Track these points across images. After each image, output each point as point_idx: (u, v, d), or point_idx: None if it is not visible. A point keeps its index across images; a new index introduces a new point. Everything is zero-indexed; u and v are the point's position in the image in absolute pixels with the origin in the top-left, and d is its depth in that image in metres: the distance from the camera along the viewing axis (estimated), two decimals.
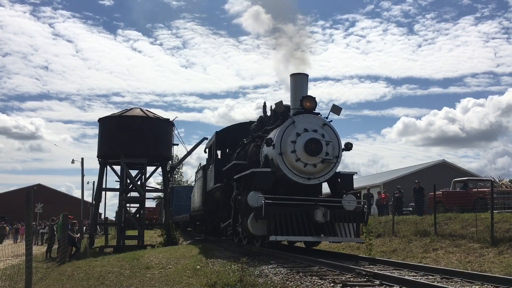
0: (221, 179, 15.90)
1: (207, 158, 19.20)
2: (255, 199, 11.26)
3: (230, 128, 18.08)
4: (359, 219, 11.91)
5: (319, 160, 11.76)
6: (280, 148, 11.78)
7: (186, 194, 33.06)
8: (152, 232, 31.88)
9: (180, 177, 62.45)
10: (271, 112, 14.48)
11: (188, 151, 30.73)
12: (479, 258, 11.62)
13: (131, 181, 25.29)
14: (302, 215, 11.24)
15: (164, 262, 12.28)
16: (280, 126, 12.26)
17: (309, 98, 12.22)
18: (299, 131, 11.77)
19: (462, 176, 30.75)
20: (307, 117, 12.09)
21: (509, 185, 22.00)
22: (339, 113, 12.56)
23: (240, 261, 9.61)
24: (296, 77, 12.70)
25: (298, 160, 11.66)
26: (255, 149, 13.67)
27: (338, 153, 12.18)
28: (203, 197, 19.13)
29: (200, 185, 20.58)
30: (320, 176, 12.05)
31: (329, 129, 12.23)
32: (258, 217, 11.01)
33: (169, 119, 26.61)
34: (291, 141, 11.74)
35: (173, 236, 22.49)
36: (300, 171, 11.78)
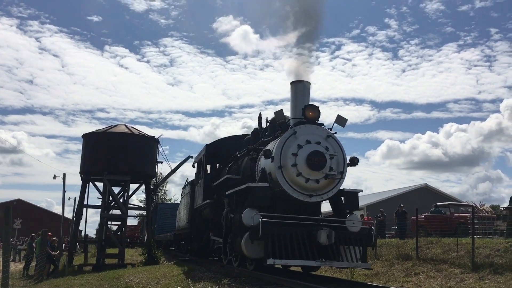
0: (211, 195, 14.68)
1: (196, 173, 17.79)
2: (251, 217, 10.03)
3: (221, 141, 16.73)
4: (366, 242, 10.62)
5: (322, 175, 10.55)
6: (279, 161, 10.53)
7: (171, 212, 31.90)
8: (133, 250, 30.61)
9: (163, 195, 61.91)
10: (267, 124, 13.31)
11: (173, 169, 30.25)
12: (460, 284, 11.54)
13: (113, 198, 24.34)
14: (303, 236, 9.96)
15: (144, 282, 11.90)
16: (280, 137, 11.03)
17: (312, 107, 11.06)
18: (301, 142, 10.58)
19: (444, 200, 30.38)
20: (309, 127, 10.89)
21: (490, 210, 22.26)
22: (344, 125, 11.34)
23: (221, 283, 9.55)
24: (298, 85, 11.48)
25: (299, 175, 10.42)
26: (250, 163, 12.45)
27: (343, 168, 10.97)
28: (190, 214, 17.81)
29: (187, 201, 19.14)
30: (323, 193, 10.79)
31: (334, 141, 11.05)
32: (254, 238, 9.72)
33: (154, 137, 25.76)
34: (292, 153, 10.49)
35: (154, 255, 21.56)
36: (301, 187, 10.53)
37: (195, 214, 17.24)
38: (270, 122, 12.80)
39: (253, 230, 9.74)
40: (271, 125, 12.75)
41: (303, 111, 10.93)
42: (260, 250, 10.05)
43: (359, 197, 11.61)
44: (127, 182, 24.31)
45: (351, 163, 11.19)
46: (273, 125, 12.49)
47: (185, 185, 21.42)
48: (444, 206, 22.55)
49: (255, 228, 9.71)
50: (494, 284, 10.79)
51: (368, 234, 10.74)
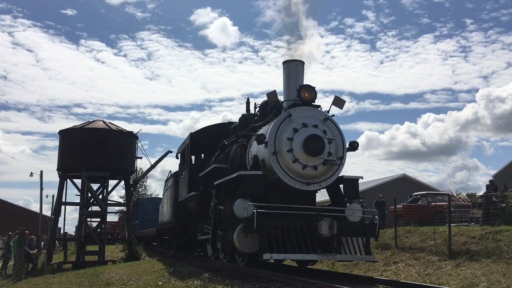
0: (197, 186, 13.55)
1: (179, 164, 16.57)
2: (243, 208, 9.08)
3: (206, 129, 15.53)
4: (369, 232, 9.73)
5: (320, 161, 9.61)
6: (274, 146, 9.52)
7: (153, 207, 30.92)
8: (113, 247, 29.89)
9: (144, 191, 61.46)
10: (256, 109, 12.31)
11: (152, 164, 29.81)
12: (437, 271, 11.58)
13: (92, 195, 24.00)
14: (302, 228, 9.05)
15: (125, 278, 11.60)
16: (273, 120, 10.03)
17: (308, 87, 10.06)
18: (297, 126, 9.61)
19: (422, 190, 30.33)
20: (305, 110, 9.92)
21: (466, 199, 22.69)
22: (342, 107, 10.42)
23: (202, 277, 9.20)
24: (291, 65, 10.47)
25: (295, 161, 9.46)
26: (239, 150, 11.34)
27: (343, 153, 10.03)
28: (174, 208, 16.66)
29: (170, 194, 17.97)
30: (321, 181, 9.83)
31: (332, 124, 10.09)
32: (248, 230, 8.77)
33: (133, 132, 25.42)
34: (287, 138, 9.52)
35: (135, 251, 21.07)
36: (298, 174, 9.56)
37: (179, 207, 16.21)
38: (261, 106, 11.88)
39: (247, 222, 8.80)
40: (261, 110, 11.82)
41: (298, 92, 10.01)
42: (254, 243, 9.18)
43: None
44: (106, 178, 24.02)
45: (351, 148, 10.29)
46: (263, 109, 11.59)
47: (168, 178, 20.25)
48: (421, 196, 23.19)
49: (249, 220, 8.78)
50: (470, 270, 10.66)
51: (371, 224, 9.87)
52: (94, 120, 25.98)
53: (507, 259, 10.93)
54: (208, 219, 12.73)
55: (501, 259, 11.05)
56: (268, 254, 8.65)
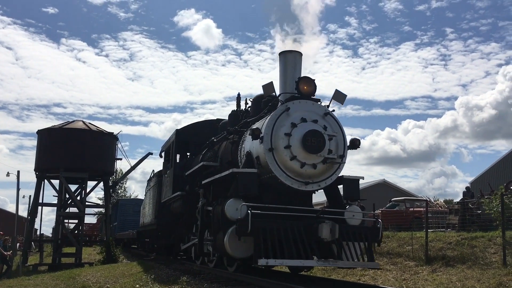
0: (182, 186, 12.66)
1: (163, 163, 15.61)
2: (236, 209, 8.30)
3: (193, 126, 14.43)
4: (372, 236, 8.96)
5: (320, 159, 8.80)
6: (270, 142, 8.68)
7: (133, 208, 30.00)
8: (91, 249, 29.29)
9: (123, 192, 60.81)
10: (246, 105, 11.43)
11: (132, 166, 29.27)
12: (414, 276, 11.56)
13: (70, 196, 23.40)
14: (300, 231, 8.23)
15: (102, 281, 11.40)
16: (270, 114, 9.16)
17: (307, 80, 9.28)
18: (295, 120, 8.81)
19: (401, 195, 30.41)
20: (304, 103, 9.10)
21: (443, 205, 23.04)
22: (343, 101, 9.64)
23: (180, 280, 8.96)
24: (287, 56, 9.66)
25: (293, 159, 8.62)
26: (230, 147, 10.44)
27: (343, 151, 9.23)
28: (157, 209, 15.69)
29: (153, 195, 16.91)
30: (321, 181, 9.02)
31: (332, 120, 9.28)
32: (241, 233, 7.95)
33: (113, 133, 24.91)
34: (285, 133, 8.69)
35: (113, 254, 20.68)
36: (295, 173, 8.74)
37: (162, 208, 15.23)
38: (254, 101, 10.98)
39: (241, 224, 7.97)
40: (254, 105, 10.85)
41: (297, 85, 9.23)
42: (247, 248, 8.37)
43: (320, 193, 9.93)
44: (84, 179, 23.61)
45: (352, 146, 9.45)
46: (257, 104, 10.66)
47: (150, 177, 19.09)
48: (400, 201, 23.38)
49: (243, 221, 7.95)
50: (446, 276, 10.55)
51: (374, 229, 9.11)
52: (73, 120, 25.44)
53: (482, 265, 11.06)
54: (194, 221, 11.92)
55: (476, 265, 11.18)
56: (263, 259, 7.78)
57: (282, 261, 8.07)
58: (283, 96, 9.41)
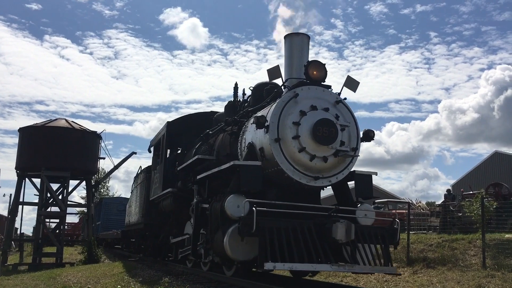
0: (173, 183, 11.64)
1: (153, 158, 14.43)
2: (237, 206, 7.34)
3: (185, 119, 13.24)
4: (388, 238, 7.93)
5: (331, 151, 7.79)
6: (276, 131, 7.64)
7: (117, 207, 29.13)
8: (72, 249, 28.44)
9: (106, 191, 60.23)
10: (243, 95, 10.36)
11: (115, 165, 28.95)
12: (395, 278, 11.97)
13: (51, 195, 22.86)
14: (311, 231, 7.22)
15: (83, 281, 11.10)
16: (276, 100, 8.05)
17: (318, 64, 8.21)
18: (305, 108, 7.78)
19: (384, 197, 30.05)
20: (314, 90, 8.07)
21: (425, 207, 23.34)
22: (355, 89, 8.59)
23: (162, 281, 8.76)
24: (294, 39, 8.58)
25: (302, 150, 7.61)
26: (229, 138, 9.37)
27: (357, 143, 8.21)
28: (144, 207, 14.48)
29: (140, 192, 15.65)
30: (331, 176, 8.01)
31: (345, 108, 8.25)
32: (245, 233, 6.94)
33: (96, 132, 24.30)
34: (293, 122, 7.66)
35: (95, 254, 20.10)
36: (304, 166, 7.72)
37: (150, 207, 14.05)
38: (255, 90, 9.90)
39: (244, 223, 6.98)
40: (255, 94, 9.73)
41: (306, 69, 8.23)
42: (250, 250, 7.44)
43: None
44: (66, 178, 22.86)
45: (366, 138, 8.47)
46: (258, 93, 9.58)
47: (137, 174, 17.62)
48: (382, 203, 23.41)
49: (247, 220, 6.98)
50: (427, 277, 10.58)
51: (391, 229, 8.11)
52: (56, 118, 24.59)
53: (462, 267, 11.19)
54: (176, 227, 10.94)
55: (456, 266, 11.31)
56: (270, 263, 6.72)
57: (292, 265, 7.03)
58: (290, 82, 8.30)
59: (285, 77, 8.54)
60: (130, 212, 18.27)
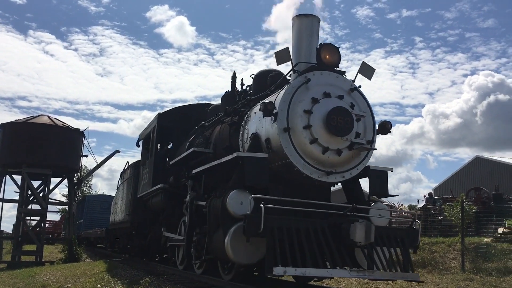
0: (164, 178, 10.73)
1: (142, 152, 13.44)
2: (242, 203, 6.46)
3: (178, 111, 12.22)
4: (409, 241, 7.08)
5: (345, 144, 6.91)
6: (286, 120, 6.73)
7: (100, 205, 28.36)
8: (53, 247, 27.76)
9: (88, 190, 59.61)
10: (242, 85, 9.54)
11: (98, 163, 28.76)
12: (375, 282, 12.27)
13: (32, 193, 22.48)
14: (325, 232, 6.31)
15: (63, 280, 10.99)
16: (285, 86, 7.15)
17: (331, 47, 7.31)
18: (317, 95, 6.87)
19: None
20: (327, 76, 7.16)
21: (407, 210, 23.59)
22: (370, 77, 7.75)
23: (142, 281, 8.35)
24: (303, 21, 7.65)
25: (314, 142, 6.70)
26: (228, 129, 8.38)
27: (372, 136, 7.33)
28: (132, 205, 13.50)
29: (127, 189, 14.66)
30: (345, 171, 7.10)
31: (360, 97, 7.36)
32: (251, 233, 5.98)
33: (79, 129, 23.85)
34: (304, 110, 6.74)
35: (75, 253, 19.62)
36: (316, 159, 6.79)
37: (138, 204, 13.12)
38: (257, 77, 8.94)
39: (251, 221, 6.06)
40: (257, 82, 8.77)
41: (318, 53, 7.34)
42: (254, 252, 6.52)
43: None
44: (48, 176, 22.42)
45: (382, 130, 7.56)
46: (261, 81, 8.61)
47: (124, 169, 16.41)
48: None
49: (253, 218, 6.06)
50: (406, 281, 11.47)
51: (412, 231, 7.25)
52: (38, 115, 23.97)
53: (441, 269, 11.37)
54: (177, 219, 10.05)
55: (436, 269, 11.46)
56: (280, 268, 5.83)
57: (305, 270, 6.15)
58: (299, 66, 7.41)
59: (294, 59, 7.69)
60: (116, 210, 17.34)
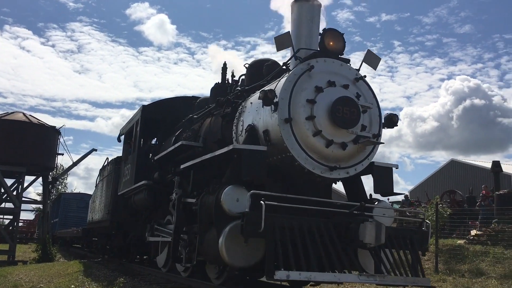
0: (148, 174, 9.98)
1: (124, 147, 12.57)
2: (238, 200, 5.84)
3: (164, 103, 11.45)
4: (419, 243, 6.49)
5: (351, 137, 6.32)
6: (288, 110, 6.11)
7: (77, 203, 27.64)
8: (26, 247, 26.87)
9: (64, 188, 58.70)
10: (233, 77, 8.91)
11: (74, 162, 28.16)
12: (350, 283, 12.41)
13: (5, 191, 22.01)
14: (330, 232, 5.67)
15: (36, 280, 10.64)
16: (286, 74, 6.53)
17: (334, 33, 6.75)
18: (320, 83, 6.28)
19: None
20: (331, 63, 6.58)
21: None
22: (376, 66, 7.15)
23: (117, 282, 8.13)
24: (303, 6, 7.06)
25: (317, 134, 6.11)
26: (220, 122, 7.71)
27: (378, 129, 6.75)
28: (112, 203, 12.73)
29: (106, 186, 13.84)
30: (350, 166, 6.50)
31: (366, 87, 6.78)
32: (249, 233, 5.34)
33: (55, 127, 23.43)
34: (307, 99, 6.14)
35: (49, 252, 19.07)
36: (319, 153, 6.18)
37: (119, 202, 12.33)
38: (251, 67, 8.27)
39: (250, 220, 5.41)
40: (251, 72, 8.09)
41: (321, 38, 6.78)
42: (251, 254, 5.88)
43: None
44: (22, 173, 21.92)
45: (388, 123, 6.98)
46: (255, 71, 7.97)
47: (104, 166, 15.33)
48: None
49: (253, 217, 5.40)
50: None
51: (422, 233, 6.66)
52: (13, 111, 23.29)
53: None
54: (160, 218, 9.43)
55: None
56: (282, 271, 5.22)
57: (310, 275, 5.47)
58: (300, 53, 6.78)
59: (294, 46, 7.13)
60: (94, 208, 16.36)
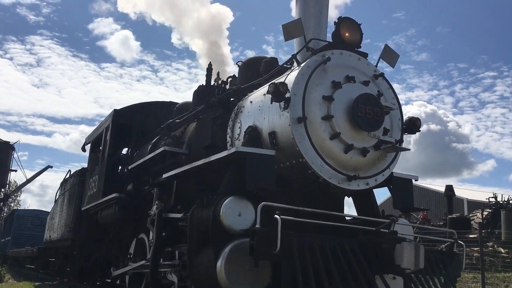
0: (119, 186, 8.52)
1: (89, 157, 11.16)
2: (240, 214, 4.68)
3: (138, 108, 10.04)
4: (453, 267, 5.48)
5: (372, 141, 5.24)
6: (302, 107, 5.00)
7: (32, 221, 25.91)
8: None
9: (16, 206, 56.64)
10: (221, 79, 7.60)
11: (28, 179, 27.45)
12: None
13: None
14: (357, 254, 4.56)
15: None
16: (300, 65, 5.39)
17: (351, 23, 5.71)
18: (338, 78, 5.21)
19: None
20: (348, 56, 5.54)
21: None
22: (394, 64, 6.14)
23: None
24: None
25: (335, 137, 5.03)
26: (210, 125, 6.39)
27: (400, 134, 5.68)
28: (74, 219, 11.24)
29: (68, 201, 12.29)
30: (370, 176, 5.38)
31: (386, 85, 5.74)
32: (260, 256, 4.17)
33: (9, 142, 22.46)
34: (324, 96, 5.08)
35: None
36: (336, 160, 5.08)
37: (82, 219, 10.94)
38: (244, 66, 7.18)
39: (261, 238, 4.20)
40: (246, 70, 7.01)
41: (336, 28, 5.70)
42: (259, 280, 4.62)
43: None
44: None
45: (410, 128, 5.97)
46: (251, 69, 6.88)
47: (65, 179, 13.63)
48: None
49: (266, 234, 4.22)
50: None
51: (454, 254, 5.66)
52: None
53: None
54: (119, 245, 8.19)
55: None
56: None
57: None
58: (314, 43, 5.60)
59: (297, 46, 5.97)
60: (53, 226, 14.63)
